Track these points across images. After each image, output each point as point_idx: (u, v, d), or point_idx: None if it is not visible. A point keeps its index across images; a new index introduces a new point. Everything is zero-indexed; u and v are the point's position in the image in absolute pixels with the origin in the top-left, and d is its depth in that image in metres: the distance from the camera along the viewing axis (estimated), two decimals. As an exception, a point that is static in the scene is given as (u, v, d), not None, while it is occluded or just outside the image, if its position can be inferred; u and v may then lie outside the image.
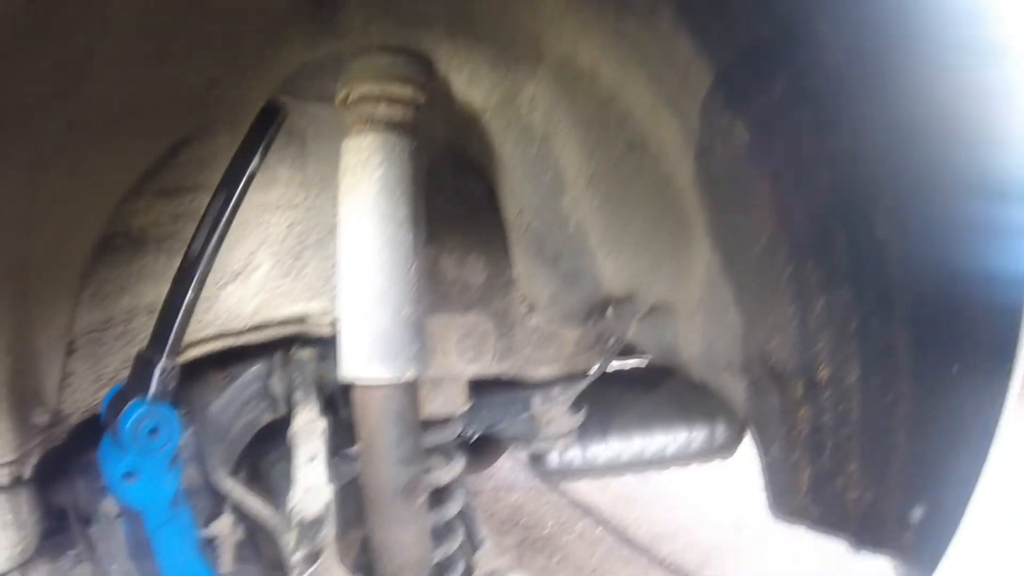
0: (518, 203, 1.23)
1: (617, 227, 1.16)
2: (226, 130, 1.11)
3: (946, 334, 0.88)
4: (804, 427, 1.07)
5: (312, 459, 1.14)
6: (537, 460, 1.64)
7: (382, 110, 1.01)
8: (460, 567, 1.40)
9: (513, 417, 1.44)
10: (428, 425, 1.33)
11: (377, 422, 1.07)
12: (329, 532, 1.10)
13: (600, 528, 2.61)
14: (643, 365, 1.67)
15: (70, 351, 1.08)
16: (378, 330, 1.01)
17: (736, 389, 1.17)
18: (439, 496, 1.36)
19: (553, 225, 1.21)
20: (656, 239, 1.16)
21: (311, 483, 1.11)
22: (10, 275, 0.93)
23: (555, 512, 2.70)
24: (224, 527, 1.19)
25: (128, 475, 1.00)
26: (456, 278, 1.30)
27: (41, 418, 1.04)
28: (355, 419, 1.08)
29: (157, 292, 1.09)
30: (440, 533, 1.35)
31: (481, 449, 1.61)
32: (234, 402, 1.25)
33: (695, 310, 1.17)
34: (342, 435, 1.21)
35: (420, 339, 1.05)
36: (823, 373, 1.01)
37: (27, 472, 1.03)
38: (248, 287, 1.17)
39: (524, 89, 1.11)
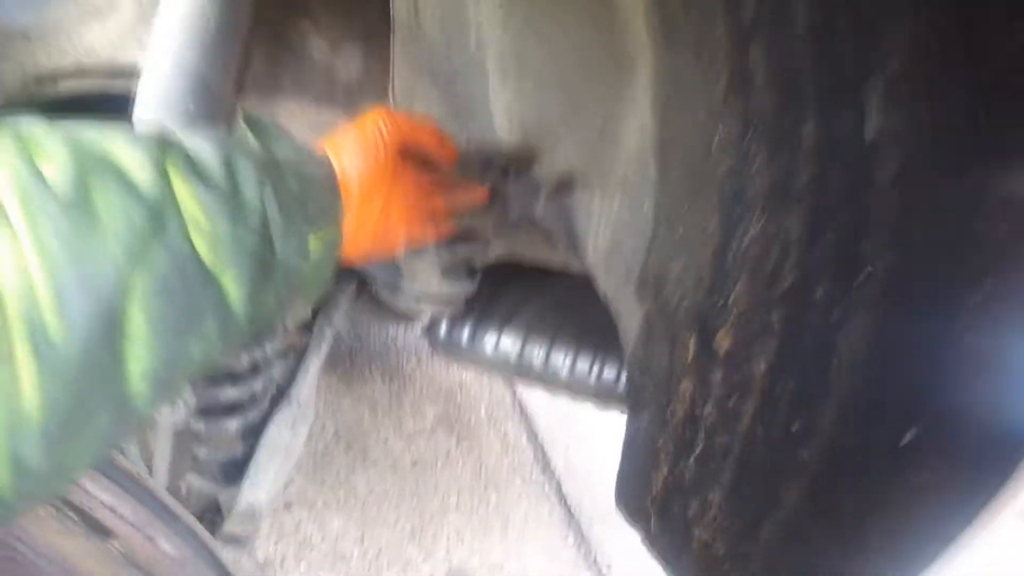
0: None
1: (524, 43, 0.77)
2: None
3: (922, 358, 0.48)
4: (680, 407, 0.69)
5: None
6: (430, 327, 1.32)
7: None
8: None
9: (371, 256, 1.10)
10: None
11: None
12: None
13: (525, 438, 2.31)
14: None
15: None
16: (157, 78, 0.88)
17: (630, 316, 0.79)
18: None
19: (453, 34, 0.83)
20: (577, 76, 0.76)
21: None
22: None
23: (494, 404, 2.40)
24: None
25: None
26: (323, 64, 1.01)
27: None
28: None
29: (28, 20, 1.09)
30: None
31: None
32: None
33: (614, 191, 0.78)
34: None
35: (204, 101, 0.89)
36: (723, 340, 0.62)
37: None
38: (107, 28, 1.10)
39: None
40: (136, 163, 0.46)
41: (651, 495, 0.75)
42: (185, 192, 0.48)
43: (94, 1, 1.10)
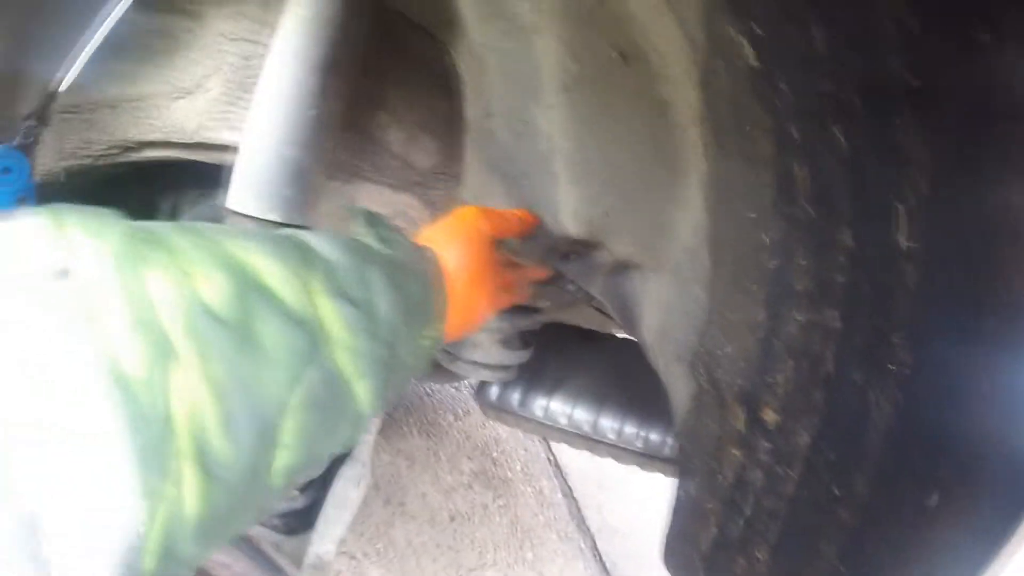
0: (486, 104, 0.96)
1: (589, 151, 0.86)
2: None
3: (943, 435, 0.57)
4: (730, 473, 0.78)
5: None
6: (481, 390, 1.41)
7: None
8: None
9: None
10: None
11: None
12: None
13: (560, 495, 2.37)
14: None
15: (44, 123, 1.15)
16: (254, 164, 0.96)
17: (681, 390, 0.88)
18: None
19: (524, 138, 0.93)
20: (637, 179, 0.86)
21: None
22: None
23: (529, 459, 2.48)
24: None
25: (-20, 198, 1.15)
26: (400, 153, 1.11)
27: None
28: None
29: (117, 92, 1.18)
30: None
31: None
32: (201, 216, 1.36)
33: (667, 278, 0.87)
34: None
35: (299, 187, 0.96)
36: (769, 415, 0.71)
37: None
38: (195, 106, 1.19)
39: None
40: (286, 285, 0.48)
41: (699, 553, 0.83)
42: (330, 311, 0.51)
43: (183, 80, 1.19)
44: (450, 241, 0.75)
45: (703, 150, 0.79)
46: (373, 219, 0.69)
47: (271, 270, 0.48)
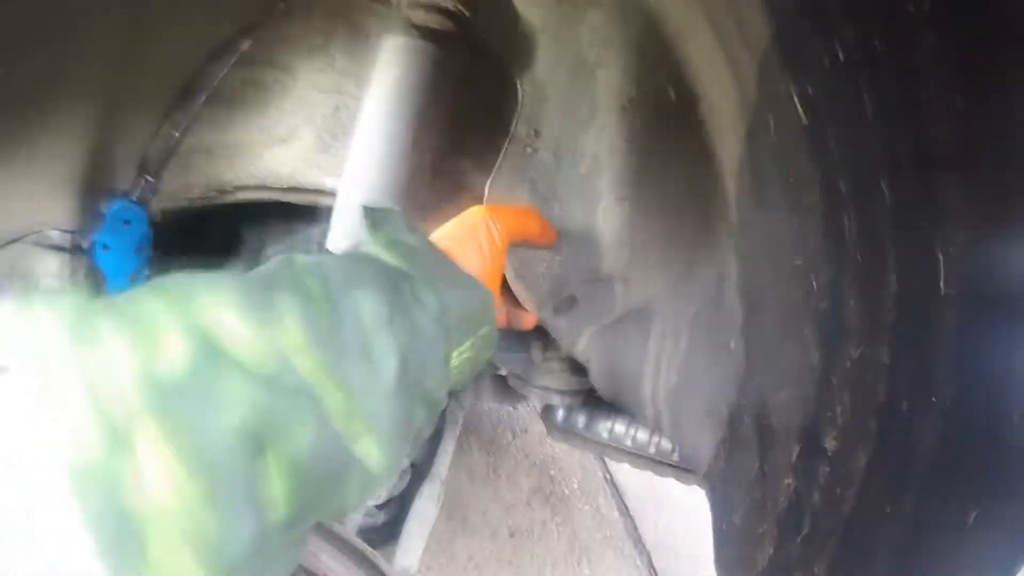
0: (537, 125, 1.02)
1: (641, 170, 0.90)
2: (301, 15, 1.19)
3: (980, 459, 0.64)
4: (784, 500, 0.85)
5: None
6: (547, 412, 1.50)
7: (420, 15, 1.01)
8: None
9: (511, 351, 1.29)
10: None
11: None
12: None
13: (617, 513, 2.44)
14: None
15: (159, 177, 1.27)
16: (350, 214, 1.03)
17: (703, 440, 0.93)
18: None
19: (565, 161, 0.98)
20: (679, 213, 0.89)
21: None
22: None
23: (586, 478, 2.55)
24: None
25: (104, 247, 1.25)
26: (483, 196, 1.17)
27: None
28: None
29: (212, 139, 1.26)
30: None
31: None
32: (285, 251, 1.41)
33: (681, 330, 0.93)
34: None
35: None
36: (831, 443, 0.78)
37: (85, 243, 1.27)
38: (288, 153, 1.26)
39: (586, 17, 0.92)
40: (247, 344, 0.44)
41: (756, 571, 0.89)
42: (311, 366, 0.46)
43: (277, 129, 1.27)
44: (461, 244, 0.72)
45: (736, 203, 0.84)
46: (380, 219, 0.63)
47: (234, 328, 0.44)
